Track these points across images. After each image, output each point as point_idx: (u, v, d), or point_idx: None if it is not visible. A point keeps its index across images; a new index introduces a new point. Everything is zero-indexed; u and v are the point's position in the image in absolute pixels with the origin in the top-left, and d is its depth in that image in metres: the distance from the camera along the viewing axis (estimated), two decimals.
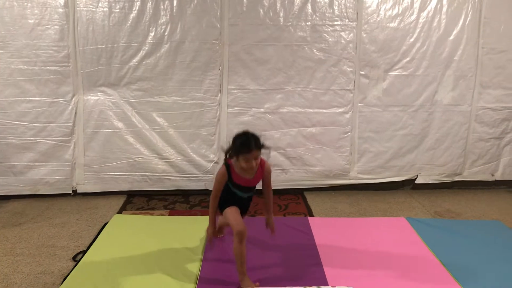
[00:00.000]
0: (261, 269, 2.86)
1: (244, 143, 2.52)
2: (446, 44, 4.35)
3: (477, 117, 4.53)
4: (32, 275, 2.89)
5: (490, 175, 4.70)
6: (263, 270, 2.84)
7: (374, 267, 2.94)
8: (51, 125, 4.17)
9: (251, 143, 2.51)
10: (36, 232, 3.55)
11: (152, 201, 4.26)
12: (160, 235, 3.36)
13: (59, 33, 4.04)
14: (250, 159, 2.52)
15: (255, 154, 2.52)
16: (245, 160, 2.53)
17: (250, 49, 4.21)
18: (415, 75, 4.38)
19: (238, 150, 2.53)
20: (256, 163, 2.57)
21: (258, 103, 4.33)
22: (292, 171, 4.47)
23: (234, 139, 2.60)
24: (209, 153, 4.36)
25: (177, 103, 4.26)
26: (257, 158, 2.56)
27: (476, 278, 2.81)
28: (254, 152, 2.51)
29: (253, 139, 2.53)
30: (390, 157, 4.54)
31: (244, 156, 2.52)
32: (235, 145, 2.57)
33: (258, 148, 2.54)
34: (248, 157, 2.51)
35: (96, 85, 4.20)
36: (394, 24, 4.30)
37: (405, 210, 4.12)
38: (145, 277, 2.77)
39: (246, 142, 2.52)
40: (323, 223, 3.66)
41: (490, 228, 3.65)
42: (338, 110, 4.40)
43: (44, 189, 4.27)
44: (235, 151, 2.56)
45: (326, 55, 4.28)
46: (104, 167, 4.30)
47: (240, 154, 2.53)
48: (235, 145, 2.56)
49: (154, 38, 4.12)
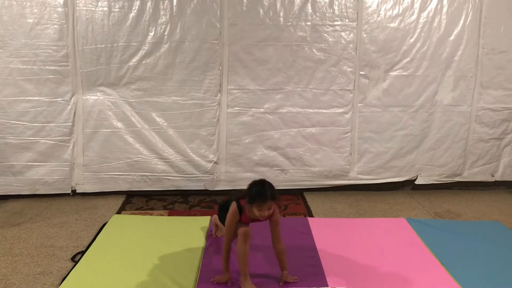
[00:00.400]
0: (260, 269, 2.85)
1: (259, 192, 2.52)
2: (446, 45, 4.34)
3: (477, 118, 4.52)
4: (30, 276, 2.87)
5: (490, 176, 4.69)
6: (262, 271, 2.83)
7: (374, 268, 2.93)
8: (50, 124, 4.16)
9: (267, 194, 2.51)
10: (34, 232, 3.54)
11: (151, 201, 4.25)
12: (159, 236, 3.35)
13: (58, 32, 4.03)
14: (264, 209, 2.52)
15: (269, 205, 2.53)
16: (258, 209, 2.53)
17: (250, 49, 4.20)
18: (415, 76, 4.38)
19: (253, 198, 2.53)
20: (269, 213, 2.57)
21: (257, 103, 4.32)
22: (291, 171, 4.46)
23: (250, 185, 2.59)
24: (208, 153, 4.35)
25: (177, 103, 4.25)
26: (270, 208, 2.56)
27: (476, 279, 2.80)
28: (268, 202, 2.52)
29: (269, 190, 2.53)
30: (390, 157, 4.53)
31: (258, 205, 2.52)
32: (250, 192, 2.56)
33: (272, 199, 2.54)
34: (262, 207, 2.52)
35: (96, 85, 4.19)
36: (395, 24, 4.29)
37: (405, 211, 4.12)
38: (144, 277, 2.76)
39: (261, 192, 2.52)
40: (322, 223, 3.65)
41: (490, 229, 3.64)
42: (338, 110, 4.39)
43: (43, 189, 4.25)
44: (250, 198, 2.54)
45: (326, 55, 4.27)
46: (103, 167, 4.29)
47: (254, 203, 2.53)
48: (251, 192, 2.55)
49: (153, 37, 4.11)
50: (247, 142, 4.37)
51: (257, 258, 2.96)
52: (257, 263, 2.91)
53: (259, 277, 2.75)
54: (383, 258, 3.06)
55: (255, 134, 4.36)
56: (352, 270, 2.89)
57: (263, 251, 3.02)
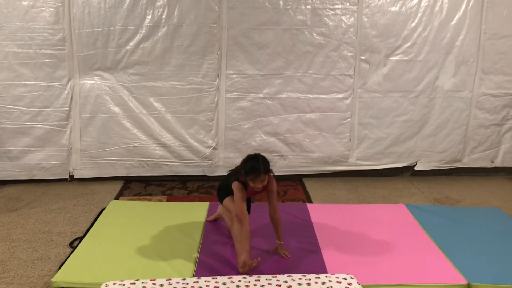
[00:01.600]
0: (259, 256, 2.83)
1: (253, 167, 2.66)
2: (448, 29, 4.29)
3: (478, 104, 4.48)
4: (28, 261, 2.86)
5: (490, 162, 4.68)
6: (261, 258, 2.82)
7: (373, 254, 2.93)
8: (46, 109, 4.11)
9: (260, 168, 2.64)
10: (32, 217, 3.52)
11: (149, 187, 4.23)
12: (158, 221, 3.34)
13: (54, 15, 3.96)
14: (258, 181, 2.66)
15: (263, 178, 2.66)
16: (252, 182, 2.67)
17: (249, 33, 4.14)
18: (416, 61, 4.33)
19: (247, 172, 2.66)
20: (263, 185, 2.71)
21: (257, 88, 4.27)
22: (291, 157, 4.44)
23: (245, 160, 2.73)
24: (207, 138, 4.32)
25: (175, 88, 4.21)
26: (264, 181, 2.69)
27: (475, 264, 2.80)
28: (262, 176, 2.65)
29: (262, 164, 2.66)
30: (389, 143, 4.50)
31: (252, 178, 2.65)
32: (245, 166, 2.69)
33: (266, 173, 2.68)
34: (256, 180, 2.65)
35: (92, 69, 4.14)
36: (396, 8, 4.23)
37: (405, 197, 4.11)
38: (142, 263, 2.75)
39: (255, 167, 2.65)
40: (322, 209, 3.64)
41: (489, 215, 3.63)
42: (338, 95, 4.35)
43: (40, 174, 4.23)
44: (245, 171, 2.68)
45: (326, 40, 4.21)
46: (101, 152, 4.26)
47: (248, 176, 2.66)
48: (245, 166, 2.69)
49: (151, 21, 4.05)
50: (246, 128, 4.33)
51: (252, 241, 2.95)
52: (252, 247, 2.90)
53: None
54: (382, 244, 3.06)
55: (254, 120, 4.32)
56: (351, 256, 2.88)
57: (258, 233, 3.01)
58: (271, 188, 2.82)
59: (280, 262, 2.79)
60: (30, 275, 2.71)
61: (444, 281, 2.63)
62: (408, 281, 2.62)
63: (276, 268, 2.70)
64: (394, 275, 2.68)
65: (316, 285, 2.42)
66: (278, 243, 2.87)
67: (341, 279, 2.49)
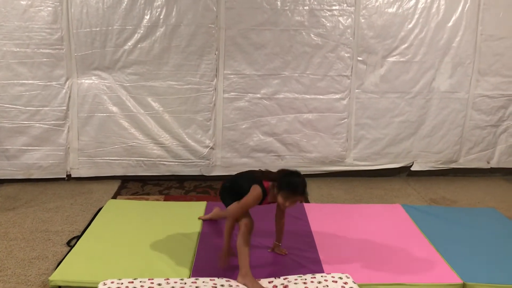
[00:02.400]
0: (255, 256, 2.85)
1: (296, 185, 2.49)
2: (444, 31, 4.31)
3: (474, 105, 4.51)
4: (26, 260, 2.87)
5: (485, 163, 4.70)
6: (258, 258, 2.84)
7: (369, 254, 2.94)
8: (44, 108, 4.12)
9: (301, 190, 2.51)
10: (29, 216, 3.53)
11: (147, 186, 4.24)
12: (155, 221, 3.34)
13: (52, 15, 3.97)
14: (291, 202, 2.51)
15: (298, 199, 2.53)
16: (284, 199, 2.50)
17: (247, 33, 4.16)
18: (412, 62, 4.35)
19: (286, 186, 2.48)
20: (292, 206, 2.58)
21: (254, 89, 4.29)
22: (288, 157, 4.46)
23: (287, 174, 2.55)
24: (204, 138, 4.33)
25: (173, 88, 4.22)
26: (294, 204, 2.55)
27: (471, 265, 2.82)
28: (298, 197, 2.52)
29: (303, 186, 2.52)
30: (386, 144, 4.52)
31: (287, 196, 2.49)
32: (287, 180, 2.51)
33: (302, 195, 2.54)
34: (290, 199, 2.50)
35: (90, 69, 4.14)
36: (393, 10, 4.25)
37: (401, 197, 4.13)
38: (139, 262, 2.76)
39: (298, 186, 2.49)
40: (319, 209, 3.65)
41: (485, 215, 3.65)
42: (335, 96, 4.37)
43: (38, 174, 4.23)
44: (288, 189, 2.49)
45: (324, 41, 4.23)
46: (99, 152, 4.27)
47: (284, 191, 2.48)
48: (287, 180, 2.51)
49: (149, 21, 4.06)
50: (243, 128, 4.35)
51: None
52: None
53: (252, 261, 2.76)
54: (378, 244, 3.07)
55: (252, 120, 4.34)
56: (347, 256, 2.90)
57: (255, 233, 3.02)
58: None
59: (277, 261, 2.80)
60: (28, 273, 2.72)
61: (439, 280, 2.65)
62: (403, 281, 2.64)
63: (273, 267, 2.72)
64: (390, 274, 2.70)
65: (312, 284, 2.44)
66: (276, 244, 2.90)
67: (337, 278, 2.51)
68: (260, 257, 2.83)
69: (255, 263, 2.75)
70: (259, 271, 2.66)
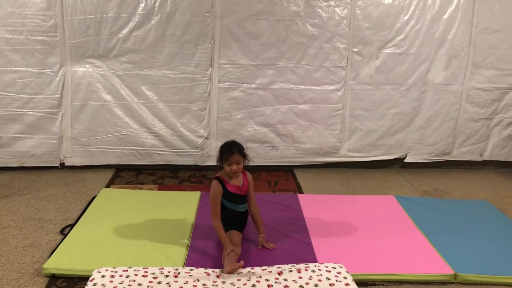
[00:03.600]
0: (249, 246, 2.86)
1: (228, 147, 2.78)
2: (440, 23, 4.31)
3: (468, 97, 4.53)
4: (19, 248, 2.86)
5: (478, 155, 4.73)
6: (252, 247, 2.85)
7: (362, 244, 2.96)
8: (38, 96, 4.09)
9: (234, 148, 2.76)
10: (23, 204, 3.51)
11: (141, 176, 4.23)
12: (149, 210, 3.35)
13: (46, 1, 3.92)
14: (233, 161, 2.74)
15: (237, 158, 2.75)
16: (228, 164, 2.75)
17: (242, 22, 4.14)
18: (408, 54, 4.35)
19: (223, 153, 2.78)
20: (239, 168, 2.77)
21: (249, 79, 4.27)
22: (282, 148, 4.46)
23: (221, 146, 2.83)
24: (199, 128, 4.32)
25: (167, 77, 4.19)
26: (239, 164, 2.77)
27: (463, 256, 2.85)
28: (236, 155, 2.74)
29: (236, 145, 2.78)
30: (380, 135, 4.54)
31: (227, 158, 2.74)
32: (221, 150, 2.81)
33: (240, 153, 2.77)
34: (231, 159, 2.74)
35: (84, 57, 4.11)
36: (389, 1, 4.24)
37: (394, 189, 4.15)
38: (133, 251, 2.76)
39: (229, 147, 2.77)
40: (312, 200, 3.67)
41: (477, 207, 3.69)
42: (330, 87, 4.36)
43: (31, 162, 4.21)
44: (220, 154, 2.80)
45: (320, 31, 4.22)
46: (92, 140, 4.25)
47: (224, 157, 2.76)
48: (221, 150, 2.81)
49: (144, 9, 4.02)
50: (238, 118, 4.34)
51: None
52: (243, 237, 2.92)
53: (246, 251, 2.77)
54: (371, 235, 3.10)
55: (246, 110, 4.33)
56: (341, 247, 2.92)
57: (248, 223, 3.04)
58: (249, 180, 2.91)
59: (271, 252, 2.81)
60: (21, 261, 2.71)
61: (431, 271, 2.68)
62: (396, 271, 2.66)
63: (267, 258, 2.73)
64: (383, 264, 2.72)
65: (306, 273, 2.46)
66: (262, 237, 2.89)
67: (331, 268, 2.53)
68: (253, 248, 2.84)
69: (249, 254, 2.77)
70: (253, 261, 2.68)
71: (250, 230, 2.98)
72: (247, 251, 2.80)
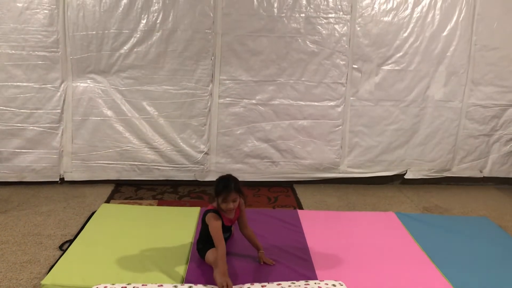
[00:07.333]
0: (249, 262, 2.85)
1: (224, 185, 2.66)
2: (439, 40, 4.35)
3: (467, 114, 4.54)
4: (17, 264, 2.85)
5: (478, 172, 4.73)
6: (251, 263, 2.83)
7: (362, 261, 2.94)
8: (38, 111, 4.10)
9: (230, 186, 2.65)
10: (22, 220, 3.50)
11: (140, 191, 4.22)
12: (149, 226, 3.33)
13: (49, 17, 3.96)
14: (229, 200, 2.65)
15: (233, 196, 2.66)
16: (224, 202, 2.66)
17: (243, 39, 4.17)
18: (407, 70, 4.38)
19: (219, 191, 2.67)
20: (235, 206, 2.70)
21: (250, 95, 4.29)
22: (282, 163, 4.46)
23: (216, 182, 2.73)
24: (199, 143, 4.33)
25: (168, 92, 4.21)
26: (236, 201, 2.69)
27: (463, 273, 2.83)
28: (232, 194, 2.65)
29: (232, 183, 2.67)
30: (380, 151, 4.54)
31: (224, 197, 2.64)
32: (217, 186, 2.70)
33: (236, 191, 2.67)
34: (227, 198, 2.64)
35: (86, 72, 4.13)
36: (388, 18, 4.28)
37: (394, 205, 4.14)
38: (132, 267, 2.74)
39: (225, 185, 2.66)
40: (312, 216, 3.65)
41: (477, 224, 3.67)
42: (330, 103, 4.38)
43: (31, 177, 4.20)
44: (216, 192, 2.68)
45: (319, 48, 4.25)
46: (92, 156, 4.25)
47: (220, 196, 2.66)
48: (217, 187, 2.69)
49: (145, 25, 4.06)
50: (238, 133, 4.35)
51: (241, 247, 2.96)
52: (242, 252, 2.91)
53: (245, 266, 2.76)
54: (371, 252, 3.08)
55: (247, 126, 4.34)
56: (341, 263, 2.90)
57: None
58: (241, 208, 2.84)
59: (270, 267, 2.80)
60: (19, 277, 2.70)
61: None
62: None
63: (266, 274, 2.71)
64: (383, 282, 2.70)
65: None
66: (261, 252, 2.87)
67: (331, 285, 2.51)
68: (253, 264, 2.83)
69: (248, 269, 2.75)
70: (252, 276, 2.66)
71: (249, 246, 2.96)
72: (247, 267, 2.78)
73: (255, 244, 2.90)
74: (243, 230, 2.89)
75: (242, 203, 2.85)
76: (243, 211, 2.87)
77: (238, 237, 3.03)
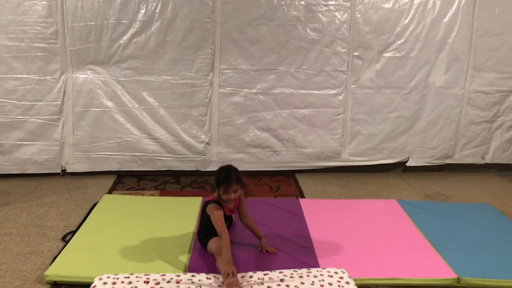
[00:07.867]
0: (251, 250, 2.86)
1: (225, 176, 2.68)
2: (440, 26, 4.31)
3: (469, 100, 4.52)
4: (21, 255, 2.86)
5: (480, 158, 4.72)
6: (253, 252, 2.84)
7: (364, 249, 2.95)
8: (39, 103, 4.09)
9: (231, 177, 2.67)
10: (24, 211, 3.51)
11: (142, 182, 4.23)
12: (151, 216, 3.34)
13: (47, 9, 3.94)
14: (230, 191, 2.68)
15: (235, 187, 2.68)
16: (225, 193, 2.68)
17: (242, 28, 4.14)
18: (408, 57, 4.35)
19: (220, 182, 2.69)
20: (236, 196, 2.72)
21: (250, 84, 4.28)
22: (283, 152, 4.46)
23: (217, 173, 2.76)
24: (200, 133, 4.32)
25: (168, 83, 4.20)
26: (237, 191, 2.71)
27: (465, 259, 2.84)
28: (234, 185, 2.67)
29: (233, 174, 2.70)
30: (382, 139, 4.53)
31: (225, 188, 2.67)
32: (218, 177, 2.72)
33: (237, 182, 2.70)
34: (229, 190, 2.67)
35: (85, 63, 4.12)
36: (389, 5, 4.25)
37: (396, 192, 4.14)
38: (135, 257, 2.76)
39: (227, 176, 2.68)
40: (314, 205, 3.66)
41: (479, 210, 3.68)
42: (331, 91, 4.37)
43: (33, 169, 4.21)
44: (217, 183, 2.71)
45: (320, 36, 4.22)
46: (94, 147, 4.25)
47: (221, 187, 2.68)
48: (218, 178, 2.71)
49: (144, 15, 4.04)
50: (239, 123, 4.34)
51: (244, 236, 2.97)
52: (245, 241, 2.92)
53: (248, 255, 2.77)
54: (373, 239, 3.09)
55: (247, 115, 4.33)
56: (343, 251, 2.91)
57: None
58: (241, 198, 2.85)
59: (272, 255, 2.81)
60: (23, 268, 2.71)
61: (434, 275, 2.67)
62: (398, 275, 2.65)
63: (269, 262, 2.72)
64: (385, 269, 2.71)
65: (308, 279, 2.45)
66: (263, 241, 2.89)
67: (333, 273, 2.52)
68: (255, 253, 2.84)
69: (250, 258, 2.76)
70: (254, 265, 2.67)
71: (251, 235, 2.96)
72: (249, 255, 2.79)
73: (256, 233, 2.91)
74: (243, 219, 2.91)
75: (242, 193, 2.86)
76: (242, 201, 2.88)
77: (240, 226, 3.04)
